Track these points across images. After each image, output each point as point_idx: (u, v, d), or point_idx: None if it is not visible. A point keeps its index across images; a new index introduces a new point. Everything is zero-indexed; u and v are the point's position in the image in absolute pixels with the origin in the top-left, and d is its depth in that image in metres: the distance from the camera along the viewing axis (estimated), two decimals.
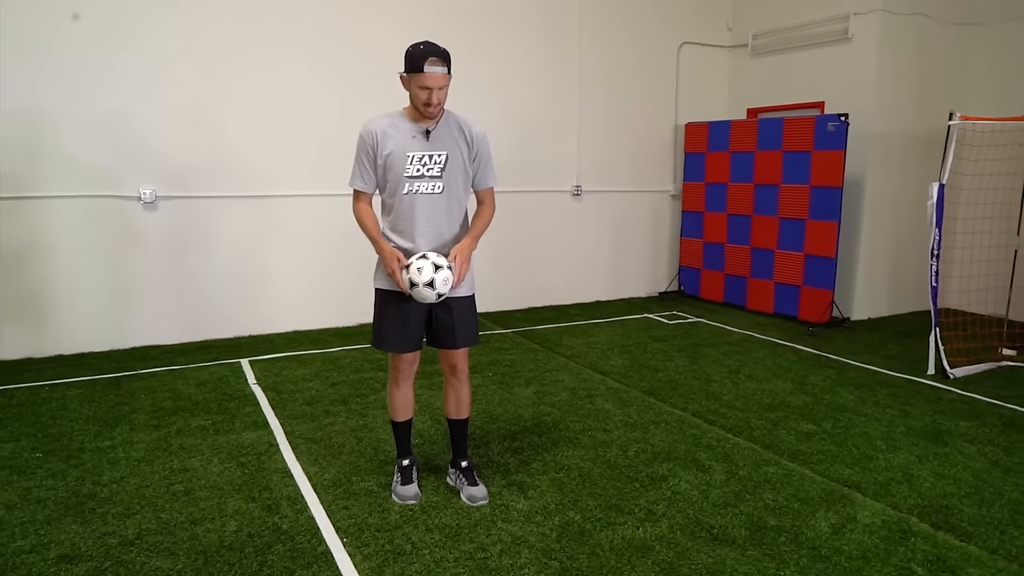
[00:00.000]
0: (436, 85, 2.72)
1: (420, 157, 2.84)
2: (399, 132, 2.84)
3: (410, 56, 2.73)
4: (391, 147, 2.82)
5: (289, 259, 6.04)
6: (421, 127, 2.85)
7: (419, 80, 2.72)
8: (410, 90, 2.80)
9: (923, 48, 6.71)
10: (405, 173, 2.83)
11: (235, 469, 3.40)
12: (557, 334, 6.15)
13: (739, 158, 7.11)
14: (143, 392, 4.49)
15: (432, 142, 2.86)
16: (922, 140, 6.74)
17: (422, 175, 2.85)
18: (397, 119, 2.87)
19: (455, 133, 2.90)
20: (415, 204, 2.86)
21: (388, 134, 2.83)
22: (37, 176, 5.10)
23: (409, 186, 2.85)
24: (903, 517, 2.97)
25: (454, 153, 2.89)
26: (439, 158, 2.86)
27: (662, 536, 2.80)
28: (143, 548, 2.70)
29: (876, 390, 4.68)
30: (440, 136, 2.87)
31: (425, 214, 2.88)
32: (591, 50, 7.20)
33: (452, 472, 3.23)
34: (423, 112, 2.80)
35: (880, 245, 6.87)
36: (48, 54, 5.00)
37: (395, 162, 2.83)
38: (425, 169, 2.85)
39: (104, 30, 5.14)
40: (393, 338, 2.97)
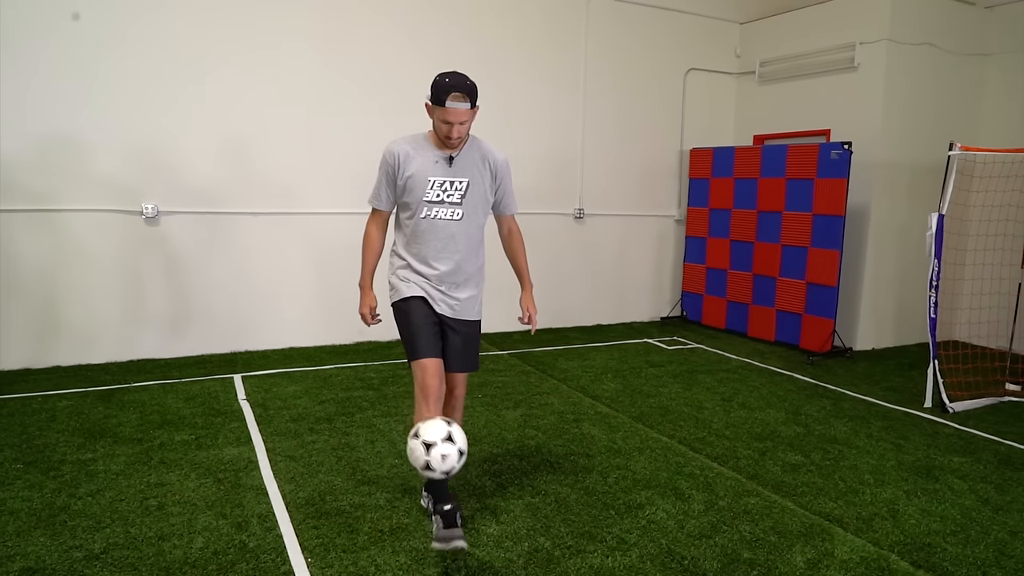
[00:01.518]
0: (457, 120, 2.74)
1: (441, 183, 2.86)
2: (422, 156, 2.86)
3: (435, 87, 2.75)
4: (412, 170, 2.85)
5: (288, 276, 6.08)
6: (444, 153, 2.87)
7: (441, 114, 2.74)
8: (433, 119, 2.82)
9: (930, 78, 6.66)
10: (424, 197, 2.86)
11: (211, 485, 3.39)
12: (552, 357, 6.11)
13: (743, 184, 7.08)
14: (132, 405, 4.52)
15: (455, 168, 2.88)
16: (928, 170, 6.68)
17: (442, 200, 2.87)
18: (421, 142, 2.89)
19: (478, 161, 2.92)
20: (434, 229, 2.88)
21: (411, 157, 2.86)
22: (41, 188, 5.20)
23: (428, 210, 2.87)
24: (883, 554, 2.89)
25: (476, 180, 2.91)
26: (460, 185, 2.88)
27: (631, 566, 2.74)
28: (107, 563, 2.69)
29: (871, 422, 4.59)
30: (463, 163, 2.89)
31: (443, 239, 2.90)
32: (598, 73, 7.24)
33: (426, 495, 3.18)
34: (444, 143, 2.84)
35: (884, 275, 6.77)
36: (68, 69, 5.12)
37: (415, 185, 2.85)
38: (445, 195, 2.87)
39: (127, 46, 5.26)
40: (427, 339, 2.88)
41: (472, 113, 2.78)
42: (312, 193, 6.09)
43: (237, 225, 5.85)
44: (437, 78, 2.78)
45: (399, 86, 6.27)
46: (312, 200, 6.10)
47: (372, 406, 4.63)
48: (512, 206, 3.10)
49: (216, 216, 5.77)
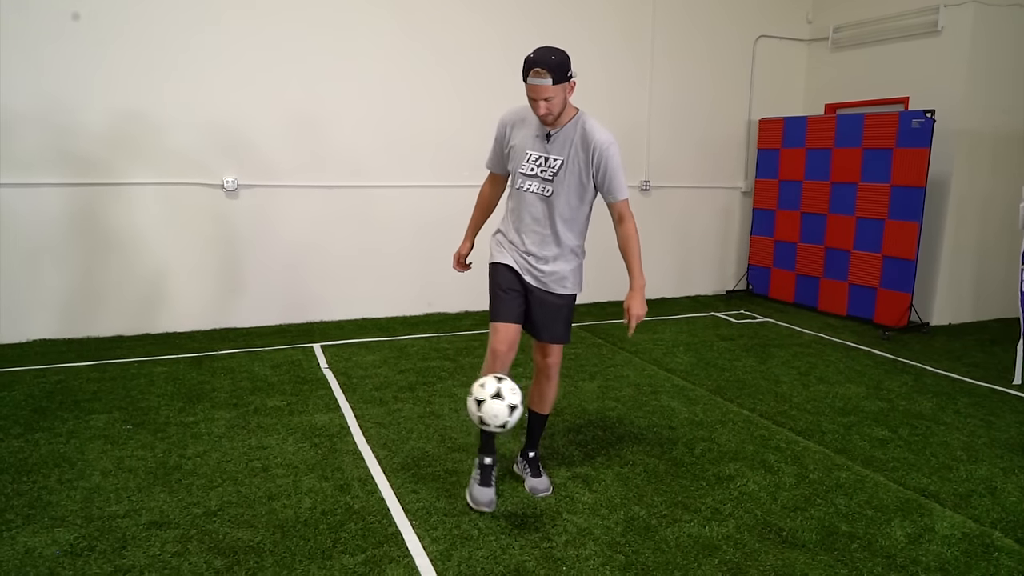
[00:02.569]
0: (539, 96, 2.69)
1: (536, 157, 2.86)
2: (526, 127, 2.88)
3: (523, 64, 2.73)
4: (516, 140, 2.91)
5: (360, 247, 6.20)
6: (544, 129, 2.86)
7: (527, 90, 2.73)
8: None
9: (1020, 42, 6.35)
10: (520, 169, 2.91)
11: (309, 449, 3.53)
12: (621, 329, 6.12)
13: (815, 155, 6.90)
14: (223, 372, 4.71)
15: (552, 144, 2.84)
16: (1016, 139, 6.41)
17: (535, 175, 2.87)
18: (529, 115, 2.89)
19: (577, 140, 2.83)
20: (524, 201, 2.92)
21: (517, 127, 2.90)
22: (129, 164, 5.39)
23: (521, 182, 2.91)
24: (985, 531, 2.86)
25: (570, 160, 2.84)
26: (554, 162, 2.84)
27: (729, 536, 2.78)
28: (225, 519, 2.84)
29: (957, 398, 4.50)
30: (560, 140, 2.84)
31: (532, 214, 2.91)
32: (664, 42, 7.11)
33: (520, 461, 3.27)
34: (543, 120, 2.80)
35: (964, 248, 6.56)
36: (148, 47, 5.27)
37: (515, 155, 2.92)
38: (539, 170, 2.86)
39: (200, 29, 5.38)
40: (506, 308, 2.94)
41: (558, 89, 2.70)
42: (384, 167, 6.18)
43: (310, 198, 5.98)
44: (527, 56, 2.74)
45: (471, 59, 6.28)
46: (383, 173, 6.18)
47: (451, 376, 4.72)
48: (617, 191, 2.88)
49: (292, 189, 5.91)
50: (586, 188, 2.89)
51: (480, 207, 3.19)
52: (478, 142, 4.69)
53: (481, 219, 3.21)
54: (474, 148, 5.58)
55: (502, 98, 6.32)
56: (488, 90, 6.36)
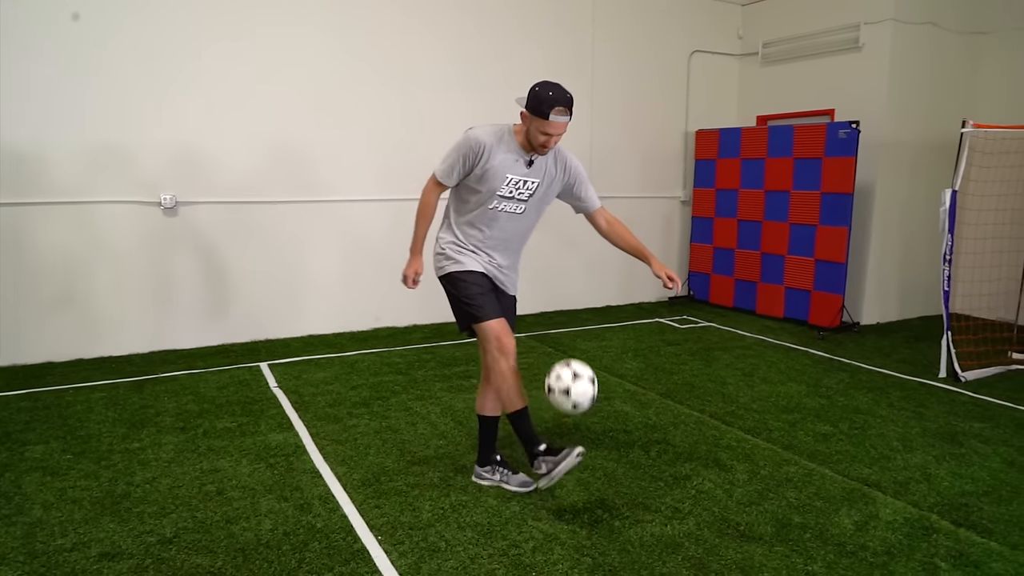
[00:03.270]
0: (557, 132, 2.86)
1: (517, 181, 2.98)
2: (507, 151, 2.94)
3: (536, 99, 2.81)
4: (494, 163, 2.93)
5: (305, 263, 6.11)
6: (527, 155, 2.98)
7: (542, 126, 2.83)
8: (529, 128, 2.89)
9: (933, 56, 6.80)
10: (499, 192, 2.97)
11: (265, 470, 3.45)
12: (571, 338, 6.21)
13: (750, 164, 7.18)
14: (166, 395, 4.55)
15: (532, 170, 3.00)
16: (931, 147, 6.82)
17: (512, 196, 3.00)
18: (506, 138, 2.96)
19: (551, 163, 3.05)
20: (496, 219, 3.03)
21: (496, 149, 2.93)
22: (58, 181, 5.17)
23: (497, 203, 3.00)
24: (924, 515, 3.03)
25: (544, 182, 3.05)
26: (532, 185, 3.02)
27: (690, 533, 2.86)
28: (182, 546, 2.75)
29: (890, 392, 4.74)
30: (540, 164, 3.02)
31: (503, 231, 3.06)
32: (604, 56, 7.29)
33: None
34: (537, 150, 2.94)
35: (889, 251, 6.94)
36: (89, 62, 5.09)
37: (493, 177, 2.94)
38: (517, 192, 3.00)
39: (132, 39, 5.23)
40: (490, 302, 3.02)
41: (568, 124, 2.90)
42: (327, 181, 6.11)
43: (251, 214, 5.86)
44: (539, 89, 2.83)
45: (415, 72, 6.30)
46: (326, 188, 6.11)
47: (404, 390, 4.69)
48: (595, 199, 3.22)
49: (233, 205, 5.77)
50: (547, 204, 3.15)
51: (427, 219, 3.12)
52: (422, 153, 4.71)
53: (427, 230, 3.16)
54: (418, 160, 5.60)
55: (449, 108, 6.40)
56: (433, 100, 6.40)
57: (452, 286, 3.06)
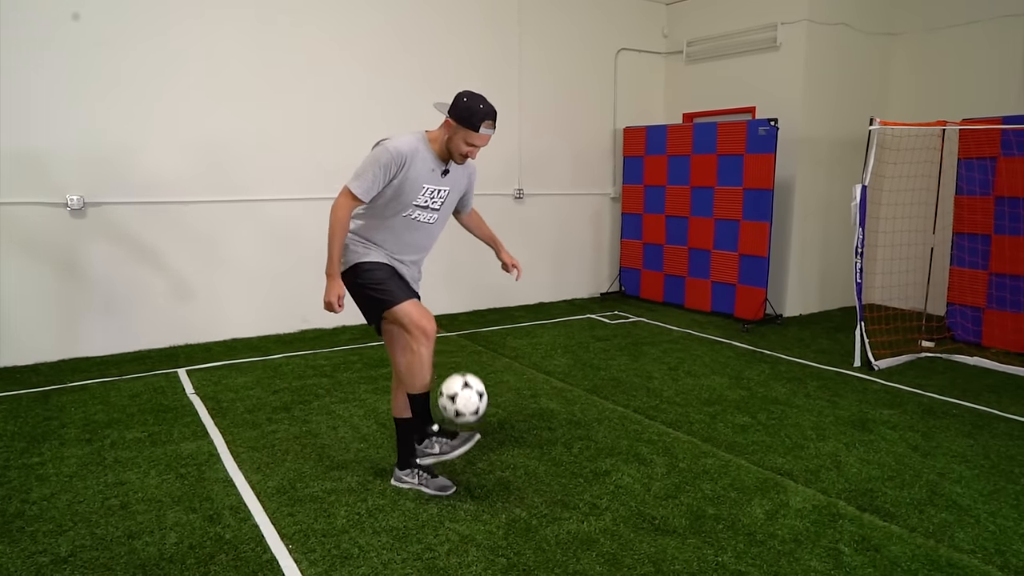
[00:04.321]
0: (483, 144, 2.89)
1: (432, 191, 2.96)
2: (423, 162, 2.90)
3: (468, 110, 2.80)
4: (412, 174, 2.88)
5: (226, 266, 5.91)
6: (442, 164, 2.95)
7: (469, 137, 2.84)
8: (452, 136, 2.86)
9: (846, 56, 7.05)
10: (415, 201, 2.93)
11: (174, 480, 3.32)
12: (501, 336, 6.20)
13: (676, 161, 7.31)
14: (73, 406, 4.33)
15: (445, 179, 2.99)
16: (846, 144, 7.08)
17: (426, 206, 2.98)
18: (422, 147, 2.91)
19: (461, 171, 3.07)
20: (409, 227, 2.99)
21: (414, 161, 2.87)
22: None
23: (411, 212, 2.96)
24: (832, 501, 3.12)
25: (454, 189, 3.06)
26: (444, 193, 3.02)
27: (606, 529, 2.87)
28: (77, 565, 2.61)
29: (807, 382, 4.89)
30: (453, 174, 3.02)
31: (413, 236, 3.03)
32: (532, 55, 7.29)
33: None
34: (456, 159, 2.93)
35: (810, 244, 7.17)
36: None
37: (409, 188, 2.90)
38: (431, 201, 2.98)
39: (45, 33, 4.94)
40: (401, 286, 2.98)
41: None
42: (245, 180, 5.92)
43: (168, 214, 5.64)
44: (468, 101, 2.82)
45: (339, 70, 6.17)
46: (244, 187, 5.93)
47: (328, 393, 4.59)
48: (472, 202, 3.38)
49: (146, 206, 5.54)
50: (453, 207, 3.18)
51: (342, 238, 2.91)
52: (348, 151, 4.61)
53: (342, 251, 2.96)
54: (344, 157, 5.48)
55: (373, 106, 6.29)
56: (356, 98, 6.28)
57: (356, 276, 2.95)
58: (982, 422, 4.16)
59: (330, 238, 2.90)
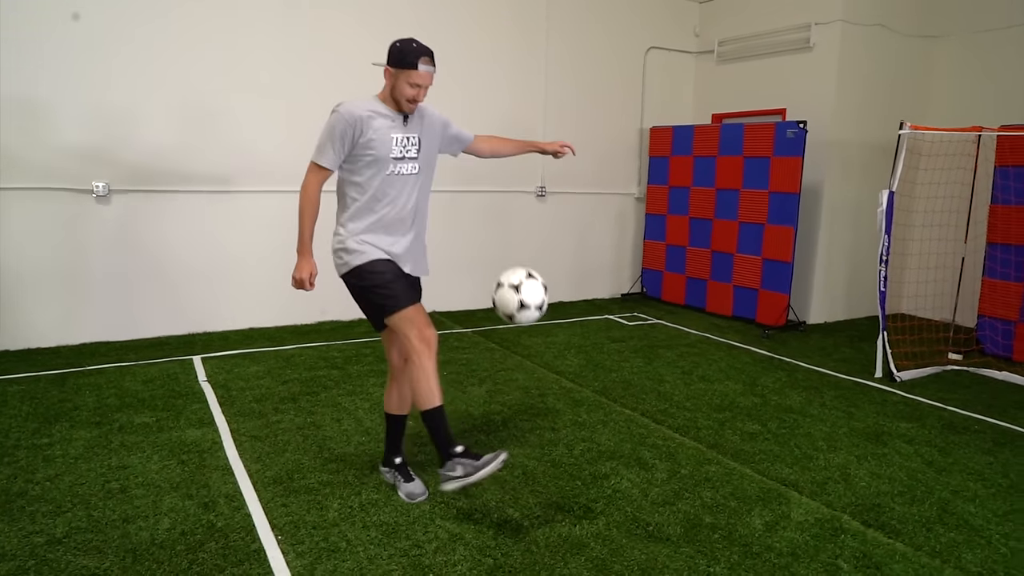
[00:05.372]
0: (426, 83, 2.87)
1: (402, 139, 2.93)
2: (381, 117, 2.89)
3: (401, 52, 2.82)
4: (375, 132, 2.86)
5: (246, 255, 5.97)
6: (399, 114, 2.94)
7: (411, 77, 2.82)
8: (395, 83, 2.85)
9: (882, 58, 6.84)
10: (392, 154, 2.90)
11: (175, 467, 3.36)
12: (516, 334, 6.16)
13: (701, 162, 7.18)
14: (88, 389, 4.41)
15: (408, 127, 2.97)
16: (879, 148, 6.87)
17: (403, 157, 2.94)
18: (375, 104, 2.91)
19: (421, 119, 3.03)
20: (395, 185, 2.93)
21: (368, 120, 2.86)
22: None
23: (394, 167, 2.91)
24: (836, 515, 3.02)
25: (425, 136, 3.02)
26: (414, 139, 2.98)
27: (598, 533, 2.82)
28: (70, 547, 2.65)
29: (824, 392, 4.76)
30: (413, 121, 2.99)
31: (405, 197, 2.96)
32: (559, 52, 7.23)
33: (387, 470, 3.25)
34: (404, 106, 2.90)
35: (837, 251, 6.98)
36: None
37: (380, 144, 2.87)
38: (405, 151, 2.94)
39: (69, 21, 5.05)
40: (404, 290, 2.90)
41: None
42: (274, 170, 5.97)
43: (194, 204, 5.72)
44: (401, 44, 2.85)
45: (356, 65, 6.18)
46: (273, 178, 5.98)
47: (337, 385, 4.61)
48: (466, 131, 3.25)
49: (172, 194, 5.63)
50: (435, 160, 3.12)
51: (313, 214, 2.93)
52: None
53: (314, 228, 2.96)
54: None
55: None
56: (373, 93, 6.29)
57: (358, 279, 2.90)
58: (1004, 439, 3.99)
59: (301, 216, 2.91)
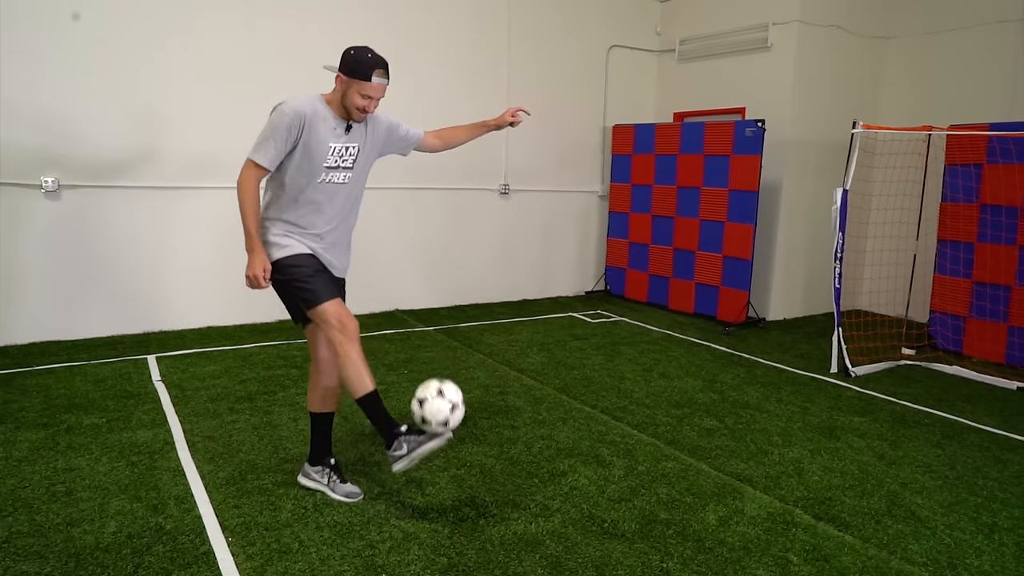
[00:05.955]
0: (379, 95, 2.83)
1: (338, 149, 2.88)
2: (324, 122, 2.84)
3: (356, 61, 2.77)
4: (314, 136, 2.81)
5: (203, 253, 5.85)
6: (343, 122, 2.89)
7: (363, 88, 2.78)
8: (346, 91, 2.80)
9: (837, 58, 6.97)
10: (325, 163, 2.86)
11: (124, 468, 3.27)
12: (479, 332, 6.14)
13: (663, 161, 7.24)
14: (35, 389, 4.28)
15: (351, 136, 2.92)
16: (836, 147, 7.00)
17: (337, 166, 2.90)
18: (320, 107, 2.85)
19: (365, 128, 2.98)
20: (325, 192, 2.90)
21: (313, 122, 2.81)
22: None
23: (325, 175, 2.88)
24: (788, 509, 3.07)
25: (364, 145, 2.98)
26: (353, 150, 2.94)
27: (553, 531, 2.82)
28: (10, 552, 2.57)
29: (781, 387, 4.84)
30: (357, 130, 2.95)
31: (331, 203, 2.93)
32: (521, 49, 7.22)
33: (321, 470, 3.11)
34: (354, 115, 2.86)
35: (795, 248, 7.10)
36: None
37: (315, 150, 2.82)
38: (341, 160, 2.91)
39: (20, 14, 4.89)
40: (325, 284, 2.86)
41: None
42: (229, 165, 5.86)
43: (150, 200, 5.59)
44: (356, 53, 2.80)
45: (313, 63, 6.09)
46: (232, 174, 5.86)
47: (295, 384, 4.55)
48: (416, 129, 3.22)
49: (122, 190, 5.49)
50: (371, 166, 3.08)
51: (255, 210, 2.84)
52: None
53: (259, 223, 2.87)
54: None
55: None
56: None
57: (280, 273, 2.85)
58: (953, 432, 4.10)
59: (243, 214, 2.82)
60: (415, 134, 3.21)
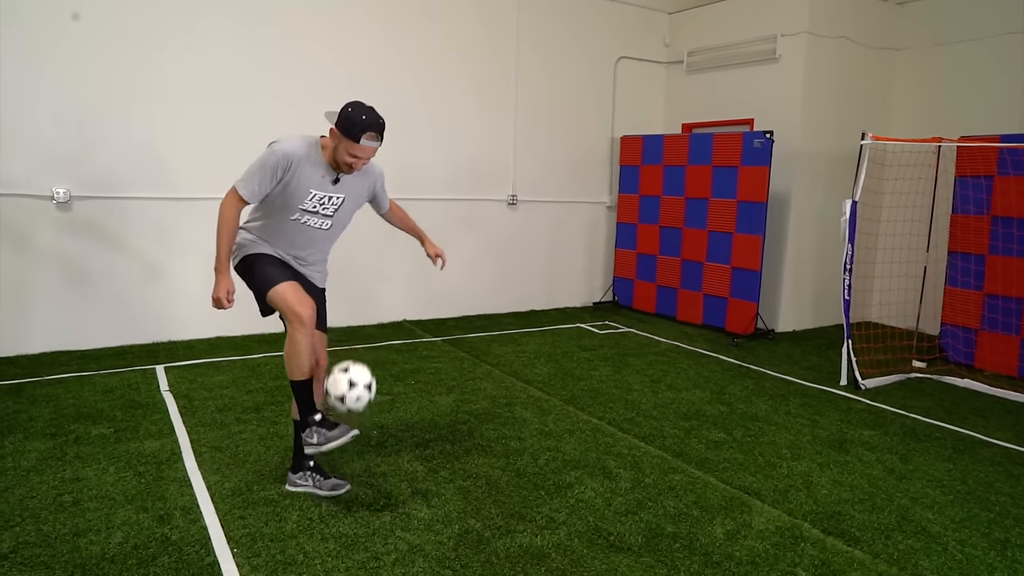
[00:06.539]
0: (366, 156, 2.86)
1: (321, 197, 2.94)
2: (312, 167, 2.88)
3: (348, 120, 2.78)
4: (300, 178, 2.86)
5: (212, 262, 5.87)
6: (333, 172, 2.93)
7: (351, 148, 2.81)
8: (337, 145, 2.84)
9: (846, 70, 6.96)
10: (301, 205, 2.92)
11: (131, 479, 3.28)
12: (486, 342, 6.14)
13: (671, 171, 7.24)
14: (45, 399, 4.31)
15: (337, 187, 2.96)
16: (844, 158, 6.98)
17: (316, 211, 2.96)
18: (314, 152, 2.89)
19: (358, 178, 3.03)
20: (300, 231, 2.99)
21: (303, 165, 2.85)
22: None
23: (299, 216, 2.95)
24: (796, 523, 3.04)
25: (351, 196, 3.04)
26: (336, 200, 2.99)
27: (559, 544, 2.81)
28: (16, 562, 2.57)
29: (790, 400, 4.80)
30: (347, 181, 2.98)
31: (306, 240, 3.03)
32: (529, 61, 7.25)
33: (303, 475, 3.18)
34: (343, 169, 2.90)
35: (805, 260, 7.06)
36: None
37: (296, 192, 2.88)
38: (321, 207, 2.96)
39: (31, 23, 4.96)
40: (282, 271, 2.96)
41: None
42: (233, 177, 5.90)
43: (155, 210, 5.63)
44: (351, 112, 2.81)
45: (325, 74, 6.14)
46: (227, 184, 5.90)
47: None
48: (388, 199, 3.34)
49: (133, 201, 5.53)
50: (353, 215, 3.15)
51: (231, 236, 2.93)
52: None
53: (231, 249, 2.99)
54: None
55: None
56: None
57: (244, 265, 2.98)
58: (964, 446, 4.06)
59: (218, 235, 2.90)
60: (385, 202, 3.33)
